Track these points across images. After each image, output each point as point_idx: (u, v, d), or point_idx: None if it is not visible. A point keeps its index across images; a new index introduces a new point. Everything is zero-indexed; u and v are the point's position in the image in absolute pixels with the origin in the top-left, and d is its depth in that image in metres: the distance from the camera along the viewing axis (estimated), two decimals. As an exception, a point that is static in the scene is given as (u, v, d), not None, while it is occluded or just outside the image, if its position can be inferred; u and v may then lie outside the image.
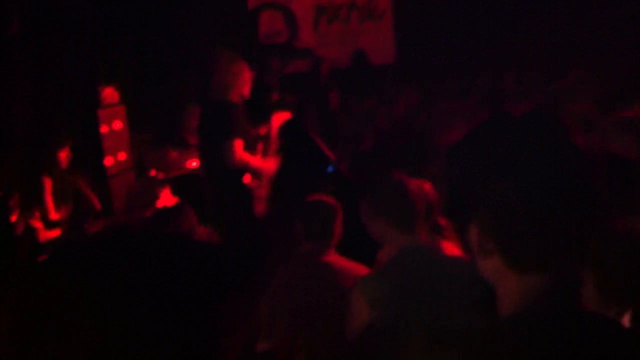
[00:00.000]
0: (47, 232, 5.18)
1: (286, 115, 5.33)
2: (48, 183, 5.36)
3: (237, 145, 4.46)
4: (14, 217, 5.11)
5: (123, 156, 7.15)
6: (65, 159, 5.56)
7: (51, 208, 5.32)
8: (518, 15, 9.00)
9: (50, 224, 5.23)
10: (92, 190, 5.74)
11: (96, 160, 6.59)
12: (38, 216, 5.22)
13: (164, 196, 5.91)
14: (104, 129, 6.82)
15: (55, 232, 5.24)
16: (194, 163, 6.37)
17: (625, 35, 7.73)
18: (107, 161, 6.82)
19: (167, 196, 5.90)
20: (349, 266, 3.10)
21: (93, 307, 0.83)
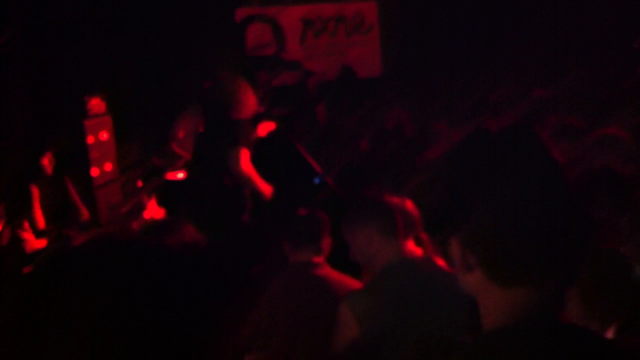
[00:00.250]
0: (36, 242, 5.14)
1: (270, 125, 5.35)
2: (36, 192, 5.33)
3: (244, 154, 4.49)
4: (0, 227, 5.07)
5: (109, 167, 7.13)
6: (48, 165, 5.52)
7: (40, 217, 5.29)
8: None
9: (39, 233, 5.20)
10: (79, 199, 5.71)
11: (83, 170, 6.56)
12: (27, 226, 5.18)
13: (150, 207, 5.89)
14: (90, 140, 6.80)
15: (42, 242, 5.20)
16: (180, 174, 6.36)
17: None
18: (94, 172, 6.79)
19: (154, 207, 5.87)
20: (341, 279, 3.11)
21: (88, 317, 0.84)
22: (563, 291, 1.16)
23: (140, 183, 6.58)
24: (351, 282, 3.06)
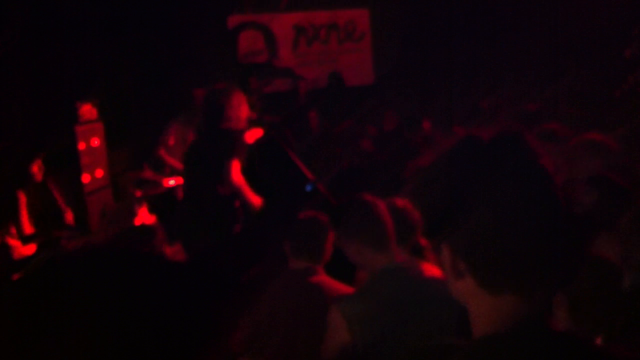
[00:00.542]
0: (23, 249, 5.11)
1: (258, 132, 5.35)
2: (23, 198, 5.30)
3: (235, 165, 4.49)
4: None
5: (100, 173, 7.11)
6: (37, 172, 5.50)
7: (26, 223, 5.25)
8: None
9: (25, 239, 5.16)
10: (68, 205, 5.69)
11: (73, 176, 6.55)
12: (14, 232, 5.14)
13: (141, 214, 5.87)
14: (82, 146, 6.78)
15: (30, 249, 5.17)
16: (171, 181, 6.35)
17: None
18: (85, 178, 6.78)
19: (145, 214, 5.86)
20: (337, 287, 3.08)
21: (83, 323, 0.83)
22: (552, 298, 1.16)
23: (130, 189, 6.57)
24: (348, 290, 3.04)
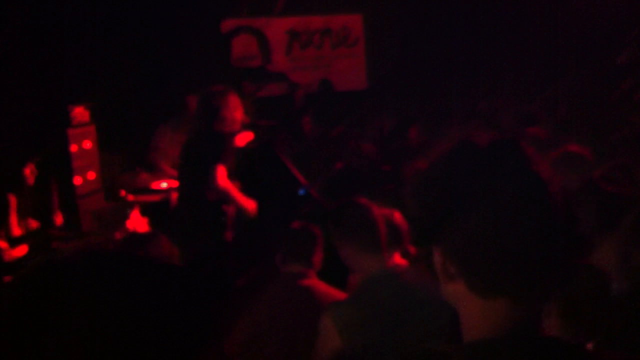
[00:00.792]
0: (12, 251, 5.08)
1: (249, 135, 5.35)
2: (13, 201, 5.27)
3: (220, 170, 4.47)
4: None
5: (92, 176, 7.08)
6: (30, 176, 5.48)
7: (14, 224, 5.23)
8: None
9: (13, 241, 5.13)
10: (59, 208, 5.66)
11: (65, 179, 6.52)
12: (3, 235, 5.12)
13: (134, 218, 5.85)
14: (74, 148, 6.75)
15: (20, 251, 5.14)
16: (164, 184, 6.34)
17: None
18: (77, 181, 6.75)
19: (137, 218, 5.84)
20: (329, 291, 3.12)
21: (76, 327, 0.83)
22: (543, 302, 1.16)
23: (123, 193, 6.55)
24: (339, 295, 3.07)
